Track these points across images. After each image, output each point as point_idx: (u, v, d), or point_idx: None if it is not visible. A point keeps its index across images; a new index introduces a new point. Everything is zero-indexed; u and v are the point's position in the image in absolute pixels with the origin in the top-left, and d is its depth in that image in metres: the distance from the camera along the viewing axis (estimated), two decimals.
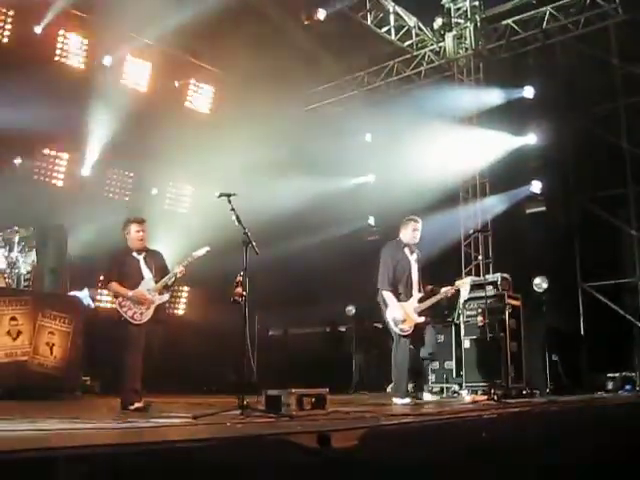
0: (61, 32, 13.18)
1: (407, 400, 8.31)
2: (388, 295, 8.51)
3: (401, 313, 8.42)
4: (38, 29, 12.71)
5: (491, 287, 10.84)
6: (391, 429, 5.09)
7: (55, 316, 9.43)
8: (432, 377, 11.89)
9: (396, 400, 8.32)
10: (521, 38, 13.97)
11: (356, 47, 14.90)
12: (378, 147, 15.55)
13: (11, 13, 12.44)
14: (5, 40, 12.47)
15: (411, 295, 8.57)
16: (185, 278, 7.60)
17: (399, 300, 8.50)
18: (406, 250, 8.72)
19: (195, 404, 8.18)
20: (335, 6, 13.11)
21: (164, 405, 7.92)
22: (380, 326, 15.10)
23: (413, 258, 8.72)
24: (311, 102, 13.93)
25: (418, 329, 8.53)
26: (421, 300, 8.60)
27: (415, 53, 15.24)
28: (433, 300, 8.76)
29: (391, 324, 8.49)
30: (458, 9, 14.56)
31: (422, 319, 8.52)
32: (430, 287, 8.97)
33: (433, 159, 13.31)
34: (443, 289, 8.90)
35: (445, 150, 13.62)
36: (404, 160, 13.74)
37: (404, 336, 8.44)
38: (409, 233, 8.78)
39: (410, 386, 8.87)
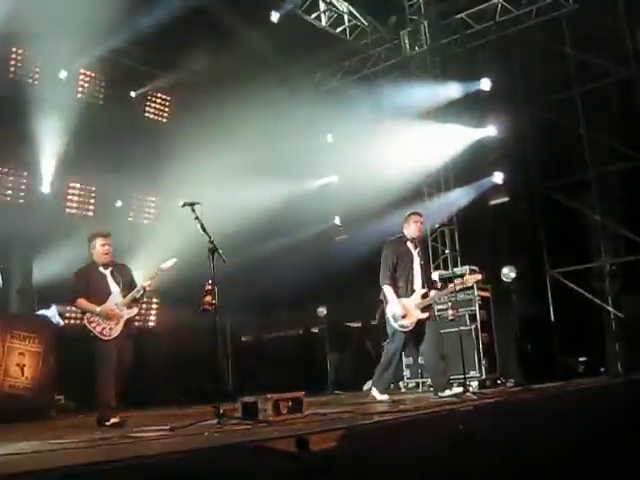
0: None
1: (385, 397, 8.33)
2: (388, 290, 8.43)
3: (400, 308, 8.31)
4: None
5: (459, 280, 10.92)
6: (369, 428, 5.11)
7: (24, 337, 9.33)
8: (407, 373, 11.96)
9: (375, 394, 8.36)
10: (475, 31, 14.09)
11: (312, 48, 14.92)
12: (340, 147, 15.56)
13: None
14: None
15: (413, 291, 8.47)
16: (154, 290, 7.55)
17: (399, 295, 8.40)
18: (409, 245, 8.64)
19: (172, 415, 8.14)
20: (286, 8, 13.14)
21: (141, 419, 7.88)
22: (354, 325, 15.20)
23: (416, 252, 8.64)
24: (269, 105, 13.91)
25: (420, 325, 8.40)
26: (424, 296, 8.52)
27: (371, 52, 15.30)
28: (436, 296, 8.79)
29: (390, 320, 8.40)
30: (411, 5, 14.64)
31: (425, 315, 8.40)
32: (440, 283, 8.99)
33: (395, 156, 13.37)
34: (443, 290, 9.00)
35: (407, 146, 13.67)
36: (367, 159, 13.76)
37: (403, 332, 8.37)
38: (412, 227, 8.69)
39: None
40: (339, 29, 14.52)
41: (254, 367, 12.85)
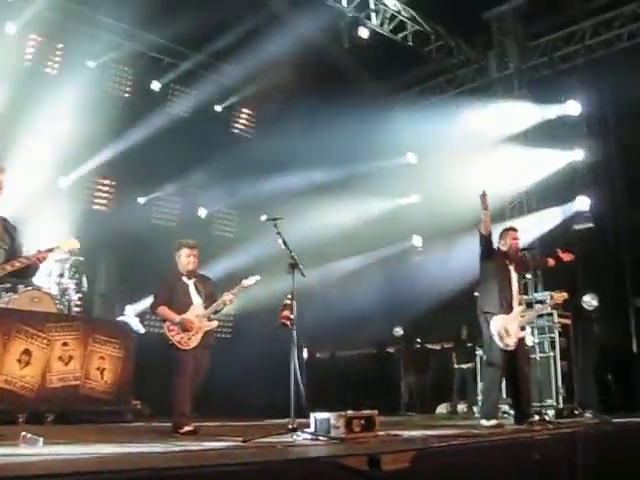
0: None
1: (493, 422, 7.93)
2: (489, 309, 8.19)
3: (503, 326, 8.05)
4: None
5: (540, 306, 10.70)
6: (442, 450, 5.05)
7: (105, 341, 9.56)
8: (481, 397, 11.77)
9: (483, 422, 8.04)
10: (564, 54, 13.88)
11: (397, 67, 14.96)
12: (422, 167, 15.50)
13: None
14: None
15: (511, 308, 8.21)
16: (233, 303, 7.63)
17: (496, 313, 8.14)
18: (506, 261, 8.43)
19: (245, 427, 8.20)
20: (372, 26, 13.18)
21: (214, 428, 7.97)
22: (434, 347, 15.06)
23: (512, 268, 8.43)
24: (353, 122, 13.97)
25: (521, 344, 8.20)
26: (523, 313, 8.33)
27: (457, 72, 15.25)
28: (534, 314, 8.60)
29: (495, 338, 8.06)
30: (499, 27, 14.54)
31: (524, 333, 8.22)
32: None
33: (478, 178, 13.22)
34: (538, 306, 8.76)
35: (490, 168, 13.53)
36: (448, 179, 13.67)
37: (503, 351, 8.08)
38: (508, 242, 8.49)
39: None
40: (426, 49, 14.51)
41: (327, 384, 12.83)
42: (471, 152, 13.59)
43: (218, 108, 15.05)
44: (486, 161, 13.62)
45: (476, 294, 8.69)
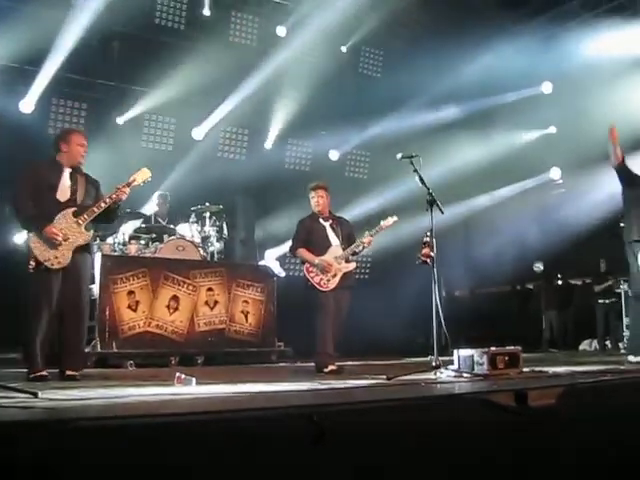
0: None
1: None
2: (635, 238, 7.92)
3: None
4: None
5: None
6: (589, 387, 4.94)
7: (248, 285, 9.87)
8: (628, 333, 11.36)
9: (630, 358, 7.82)
10: None
11: None
12: (558, 96, 14.85)
13: None
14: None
15: None
16: (371, 245, 7.64)
17: None
18: None
19: (387, 366, 8.30)
20: None
21: (356, 367, 8.10)
22: (575, 282, 14.64)
23: None
24: (486, 54, 13.48)
25: None
26: None
27: None
28: None
29: None
30: None
31: None
32: None
33: (620, 104, 12.55)
34: None
35: (632, 93, 12.80)
36: (587, 108, 13.04)
37: None
38: None
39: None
40: None
41: (467, 322, 12.74)
42: (610, 77, 12.87)
43: (343, 49, 14.89)
44: (627, 86, 12.88)
45: (621, 224, 8.36)
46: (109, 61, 12.26)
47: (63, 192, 6.14)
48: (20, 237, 9.55)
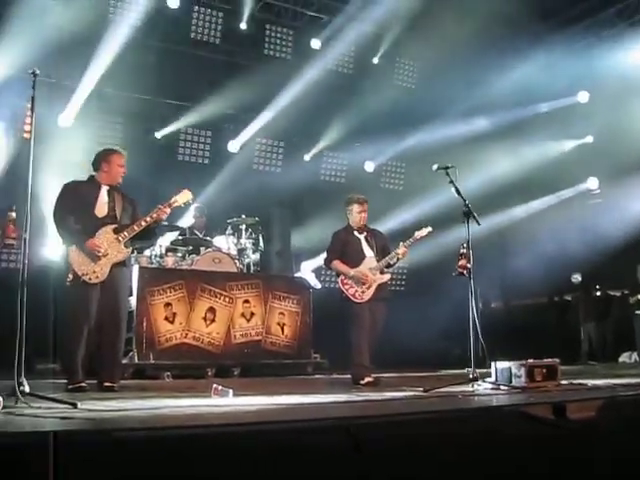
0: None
1: None
2: None
3: None
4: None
5: None
6: (630, 400, 4.88)
7: (284, 297, 9.90)
8: None
9: None
10: None
11: (562, 1, 14.19)
12: (594, 106, 14.69)
13: None
14: None
15: None
16: (406, 256, 7.62)
17: None
18: None
19: (423, 378, 8.25)
20: None
21: (393, 379, 8.06)
22: (614, 294, 14.43)
23: None
24: (521, 65, 13.40)
25: None
26: None
27: (628, 1, 14.22)
28: None
29: None
30: None
31: None
32: None
33: None
34: None
35: None
36: (623, 117, 12.94)
37: None
38: None
39: None
40: None
41: (503, 334, 12.61)
42: None
43: (377, 60, 14.90)
44: None
45: None
46: (146, 75, 12.42)
47: (101, 209, 6.22)
48: (54, 251, 9.61)
